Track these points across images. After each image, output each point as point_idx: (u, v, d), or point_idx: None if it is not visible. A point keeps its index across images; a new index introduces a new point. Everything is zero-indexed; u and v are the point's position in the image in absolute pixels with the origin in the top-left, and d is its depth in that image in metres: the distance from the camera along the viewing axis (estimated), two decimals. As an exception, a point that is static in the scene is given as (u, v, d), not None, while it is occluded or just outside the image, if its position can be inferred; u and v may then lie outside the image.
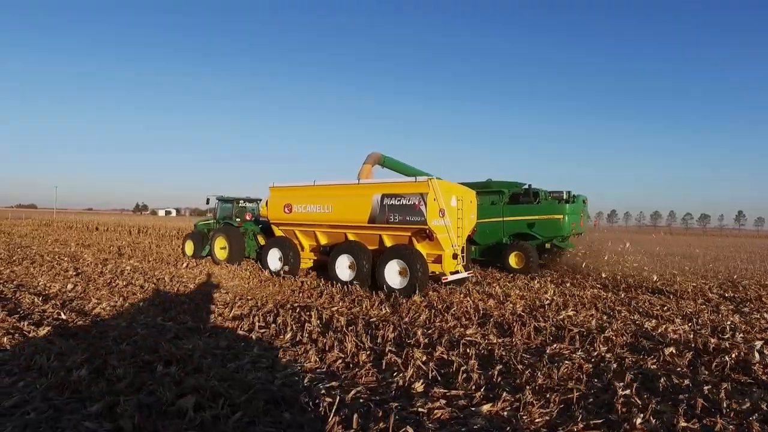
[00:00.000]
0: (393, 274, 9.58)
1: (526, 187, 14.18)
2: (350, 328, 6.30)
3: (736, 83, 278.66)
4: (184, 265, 12.46)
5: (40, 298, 7.74)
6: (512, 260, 13.36)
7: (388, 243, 10.11)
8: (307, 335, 5.95)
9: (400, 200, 9.57)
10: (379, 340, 5.92)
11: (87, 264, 12.23)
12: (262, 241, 14.14)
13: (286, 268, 11.05)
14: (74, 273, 10.76)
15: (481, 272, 13.21)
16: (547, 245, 13.63)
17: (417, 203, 9.31)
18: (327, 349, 5.49)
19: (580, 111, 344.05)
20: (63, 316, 6.56)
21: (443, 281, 9.75)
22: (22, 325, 5.83)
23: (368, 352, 5.41)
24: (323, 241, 11.37)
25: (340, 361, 5.11)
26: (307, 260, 12.08)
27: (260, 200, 15.23)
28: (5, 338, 5.18)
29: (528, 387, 4.31)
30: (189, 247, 14.92)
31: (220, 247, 13.78)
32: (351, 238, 10.64)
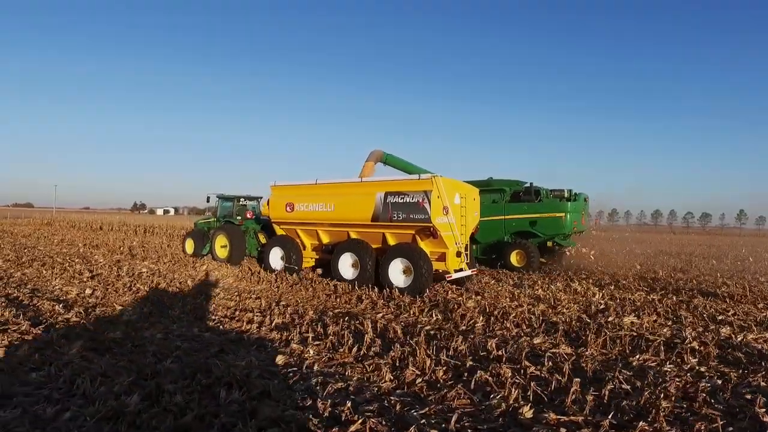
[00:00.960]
0: (397, 272, 9.43)
1: (528, 185, 14.02)
2: (414, 339, 5.67)
3: (735, 82, 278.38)
4: (203, 267, 11.80)
5: (61, 305, 7.06)
6: (513, 258, 13.26)
7: (391, 241, 9.92)
8: (371, 349, 5.31)
9: (403, 198, 9.40)
10: (451, 352, 5.31)
11: (100, 266, 11.55)
12: (263, 239, 13.85)
13: (320, 271, 10.46)
14: (89, 276, 10.08)
15: (514, 273, 12.63)
16: (549, 243, 13.50)
17: (421, 201, 9.13)
18: (398, 365, 4.87)
19: (580, 111, 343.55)
20: (90, 327, 5.91)
21: (447, 279, 9.57)
22: (51, 337, 5.17)
23: (444, 368, 4.79)
24: (325, 239, 11.19)
25: (419, 379, 4.49)
26: (308, 259, 11.90)
27: (261, 198, 15.05)
28: (36, 355, 4.52)
29: (659, 412, 3.69)
30: (189, 246, 14.64)
31: (220, 245, 13.51)
32: (353, 236, 10.45)
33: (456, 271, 9.76)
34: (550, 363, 5.03)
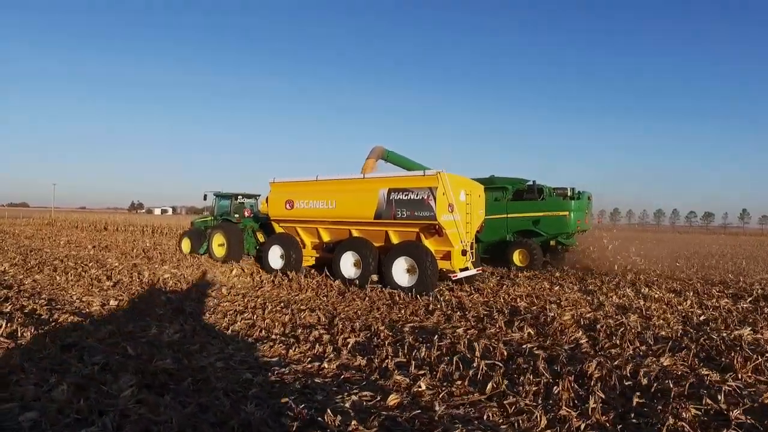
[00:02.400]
0: (401, 271, 9.14)
1: (531, 183, 13.71)
2: (539, 365, 4.59)
3: (737, 81, 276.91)
4: (233, 272, 10.69)
5: (88, 321, 5.96)
6: (516, 257, 12.99)
7: (394, 239, 9.62)
8: (496, 381, 4.23)
9: (407, 195, 9.10)
10: (592, 383, 4.24)
11: (118, 271, 10.40)
12: (261, 237, 13.57)
13: (375, 277, 9.42)
14: (110, 283, 8.96)
15: (568, 275, 11.57)
16: (552, 242, 13.27)
17: (426, 198, 8.83)
18: (541, 403, 3.80)
19: (581, 110, 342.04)
20: (130, 351, 4.81)
21: (453, 279, 9.29)
22: (91, 370, 4.06)
23: (601, 405, 3.74)
24: (326, 238, 10.88)
25: (582, 424, 3.43)
26: (309, 258, 11.60)
27: (259, 196, 14.76)
28: (81, 401, 3.41)
29: None
30: (186, 245, 14.30)
31: (218, 244, 13.21)
32: (355, 234, 10.15)
33: (461, 270, 9.44)
34: (721, 397, 3.98)
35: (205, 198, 14.61)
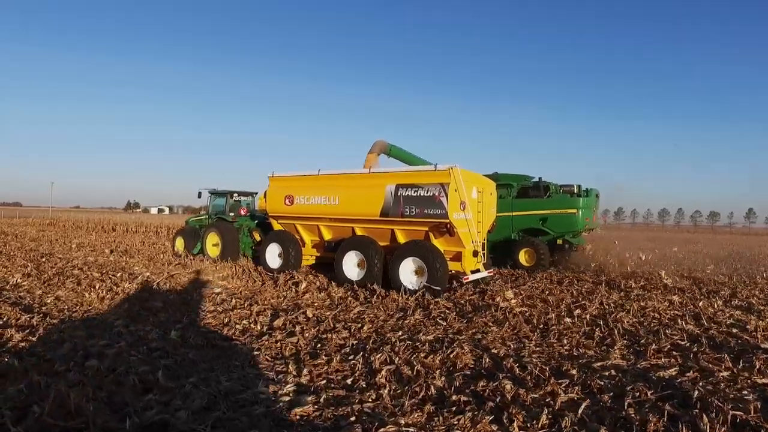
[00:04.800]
0: (408, 273, 8.64)
1: (536, 180, 13.36)
2: None
3: (739, 80, 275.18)
4: (301, 287, 8.76)
5: (160, 374, 4.05)
6: (522, 257, 12.58)
7: (401, 239, 9.14)
8: None
9: (417, 191, 8.59)
10: None
11: (155, 284, 8.45)
12: (258, 237, 13.01)
13: (511, 296, 7.59)
14: (156, 303, 7.01)
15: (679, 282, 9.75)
16: (559, 241, 12.90)
17: (437, 194, 8.36)
18: None
19: (584, 109, 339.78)
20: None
21: (464, 281, 8.81)
22: None
23: None
24: (327, 236, 10.36)
25: None
26: (309, 257, 11.06)
27: (255, 194, 14.34)
28: None
29: None
30: (180, 244, 13.81)
31: (212, 243, 12.71)
32: (359, 233, 9.64)
33: (473, 272, 8.98)
34: None
35: (199, 195, 13.90)
